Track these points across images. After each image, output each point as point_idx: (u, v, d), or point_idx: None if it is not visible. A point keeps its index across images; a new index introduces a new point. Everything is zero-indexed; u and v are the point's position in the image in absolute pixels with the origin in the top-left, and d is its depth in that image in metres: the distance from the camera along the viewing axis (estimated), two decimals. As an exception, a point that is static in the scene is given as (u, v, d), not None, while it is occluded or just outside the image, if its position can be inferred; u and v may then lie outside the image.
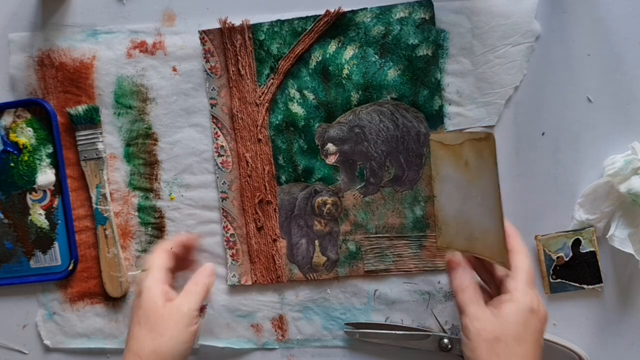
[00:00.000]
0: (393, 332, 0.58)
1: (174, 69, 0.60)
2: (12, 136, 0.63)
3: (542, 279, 0.57)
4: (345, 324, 0.59)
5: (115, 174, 0.62)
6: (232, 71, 0.59)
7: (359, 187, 0.59)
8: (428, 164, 0.57)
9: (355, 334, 0.58)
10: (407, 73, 0.57)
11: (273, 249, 0.60)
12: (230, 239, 0.61)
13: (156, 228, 0.62)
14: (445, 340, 0.56)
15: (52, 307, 0.64)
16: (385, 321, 0.59)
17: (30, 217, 0.63)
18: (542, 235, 0.57)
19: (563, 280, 0.56)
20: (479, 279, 0.52)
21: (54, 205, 0.63)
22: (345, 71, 0.58)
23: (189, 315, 0.51)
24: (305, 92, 0.59)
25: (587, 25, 0.55)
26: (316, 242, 0.60)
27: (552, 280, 0.56)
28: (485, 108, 0.56)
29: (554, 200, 0.56)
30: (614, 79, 0.55)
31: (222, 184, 0.61)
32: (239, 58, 0.59)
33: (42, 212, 0.63)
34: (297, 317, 0.61)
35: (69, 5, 0.62)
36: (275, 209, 0.60)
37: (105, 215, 0.62)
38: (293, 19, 0.58)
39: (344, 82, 0.58)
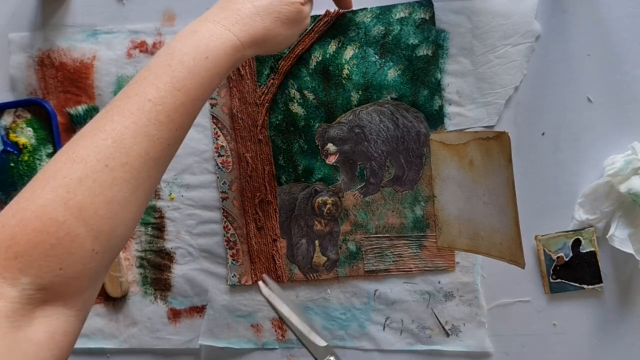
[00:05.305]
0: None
1: (174, 69, 0.60)
2: (12, 136, 0.63)
3: (542, 279, 0.57)
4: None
5: (116, 174, 0.62)
6: (232, 71, 0.59)
7: (359, 187, 0.59)
8: (428, 164, 0.57)
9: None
10: (407, 73, 0.57)
11: (273, 249, 0.60)
12: (231, 239, 0.61)
13: (156, 228, 0.62)
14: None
15: (52, 307, 0.64)
16: (386, 321, 0.59)
17: (30, 217, 0.63)
18: (542, 235, 0.57)
19: (563, 280, 0.56)
20: None
21: (54, 205, 0.63)
22: (346, 71, 0.58)
23: None
24: (306, 92, 0.59)
25: (588, 25, 0.55)
26: (316, 242, 0.60)
27: (552, 280, 0.56)
28: (486, 108, 0.56)
29: (554, 200, 0.56)
30: (614, 79, 0.55)
31: (223, 184, 0.61)
32: (239, 58, 0.59)
33: (42, 212, 0.63)
34: (297, 317, 0.61)
35: (69, 5, 0.62)
36: (275, 209, 0.60)
37: (106, 215, 0.62)
38: (293, 19, 0.58)
39: (344, 82, 0.58)
